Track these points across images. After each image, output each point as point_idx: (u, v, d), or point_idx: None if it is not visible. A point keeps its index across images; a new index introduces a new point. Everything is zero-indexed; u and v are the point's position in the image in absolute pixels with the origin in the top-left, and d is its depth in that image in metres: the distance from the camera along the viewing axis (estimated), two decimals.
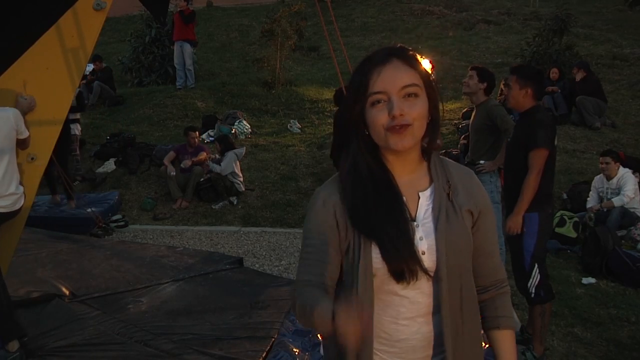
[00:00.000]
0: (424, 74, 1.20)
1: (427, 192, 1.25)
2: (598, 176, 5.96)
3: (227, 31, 16.22)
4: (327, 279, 1.22)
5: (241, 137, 8.64)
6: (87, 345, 3.20)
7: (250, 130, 8.94)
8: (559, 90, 8.48)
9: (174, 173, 6.86)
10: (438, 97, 1.23)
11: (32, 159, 3.38)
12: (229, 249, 5.57)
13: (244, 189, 7.03)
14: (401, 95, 1.16)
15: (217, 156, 7.06)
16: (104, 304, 3.79)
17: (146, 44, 11.67)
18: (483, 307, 1.32)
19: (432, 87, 1.21)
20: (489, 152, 4.11)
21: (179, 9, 9.62)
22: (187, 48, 9.82)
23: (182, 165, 6.87)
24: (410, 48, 1.24)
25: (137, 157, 7.68)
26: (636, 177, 5.90)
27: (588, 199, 5.96)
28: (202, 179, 6.91)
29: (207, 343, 3.22)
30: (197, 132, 7.31)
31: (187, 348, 3.16)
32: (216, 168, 6.78)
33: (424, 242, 1.21)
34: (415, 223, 1.22)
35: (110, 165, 7.73)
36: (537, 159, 3.10)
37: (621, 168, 5.79)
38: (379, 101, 1.17)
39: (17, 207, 3.21)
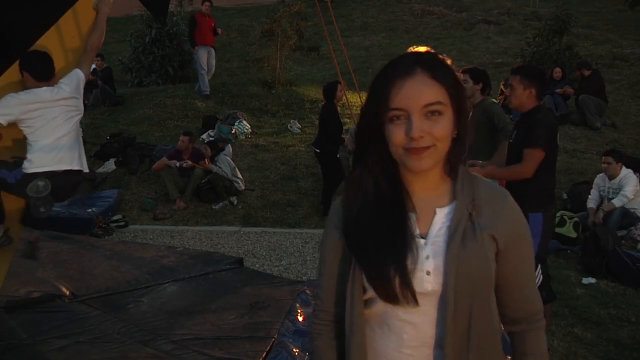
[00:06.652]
0: (452, 87, 1.07)
1: (446, 210, 1.14)
2: (601, 174, 5.97)
3: (227, 31, 16.16)
4: (326, 306, 1.26)
5: (241, 137, 8.63)
6: (87, 345, 3.20)
7: (250, 130, 8.93)
8: (573, 92, 8.49)
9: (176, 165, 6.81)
10: (467, 110, 1.12)
11: None
12: (229, 249, 5.57)
13: (243, 187, 7.03)
14: (423, 113, 1.05)
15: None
16: (104, 304, 3.79)
17: (146, 44, 11.65)
18: (512, 339, 1.22)
19: (461, 100, 1.09)
20: (487, 152, 4.09)
21: (202, 11, 9.63)
22: (213, 53, 10.04)
23: (183, 165, 6.84)
24: (439, 54, 1.12)
25: (137, 157, 7.67)
26: (637, 177, 5.90)
27: (589, 197, 5.95)
28: (202, 181, 6.91)
29: (207, 343, 3.21)
30: (187, 138, 7.00)
31: (187, 348, 3.16)
32: (220, 171, 6.82)
33: (431, 261, 1.10)
34: (424, 240, 1.12)
35: (110, 166, 7.72)
36: (530, 157, 3.08)
37: (624, 168, 5.79)
38: (398, 117, 1.06)
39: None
